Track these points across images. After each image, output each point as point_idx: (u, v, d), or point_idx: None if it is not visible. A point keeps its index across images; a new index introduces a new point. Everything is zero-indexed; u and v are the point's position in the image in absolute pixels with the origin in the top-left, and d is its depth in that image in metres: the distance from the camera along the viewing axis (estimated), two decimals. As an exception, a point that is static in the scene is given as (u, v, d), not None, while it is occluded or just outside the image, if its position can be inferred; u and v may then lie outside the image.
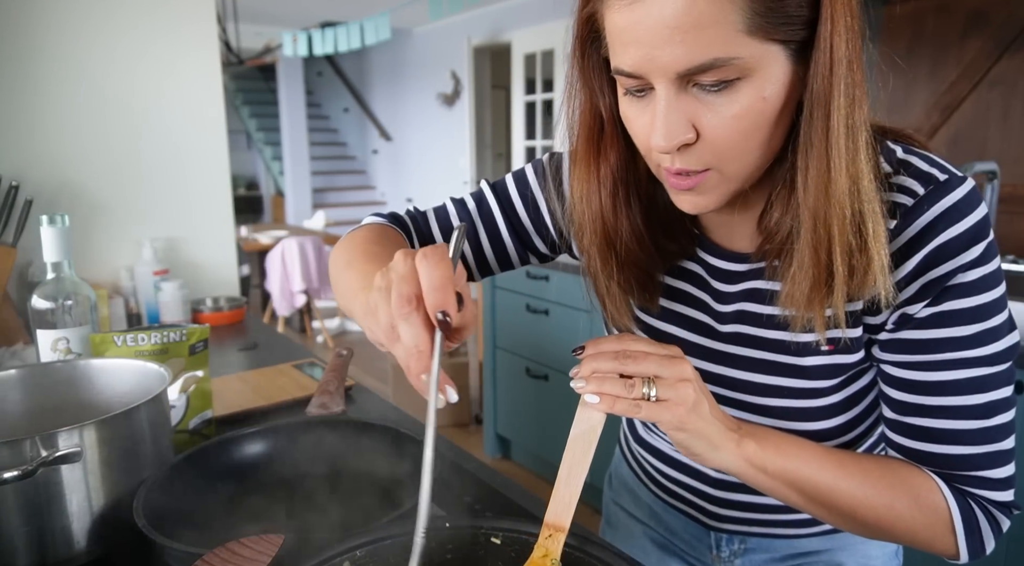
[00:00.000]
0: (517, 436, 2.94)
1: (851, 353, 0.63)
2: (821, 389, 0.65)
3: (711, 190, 0.57)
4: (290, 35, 5.46)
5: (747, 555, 0.80)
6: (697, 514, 0.80)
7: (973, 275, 0.55)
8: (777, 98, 0.52)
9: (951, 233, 0.55)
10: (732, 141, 0.53)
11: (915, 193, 0.56)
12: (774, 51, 0.51)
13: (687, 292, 0.71)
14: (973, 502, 0.59)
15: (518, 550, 0.58)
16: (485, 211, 0.78)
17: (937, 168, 0.57)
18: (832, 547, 0.77)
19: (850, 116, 0.52)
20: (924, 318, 0.57)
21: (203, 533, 0.73)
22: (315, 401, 0.91)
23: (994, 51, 3.51)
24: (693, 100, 0.52)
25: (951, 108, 3.70)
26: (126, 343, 0.91)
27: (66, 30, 1.62)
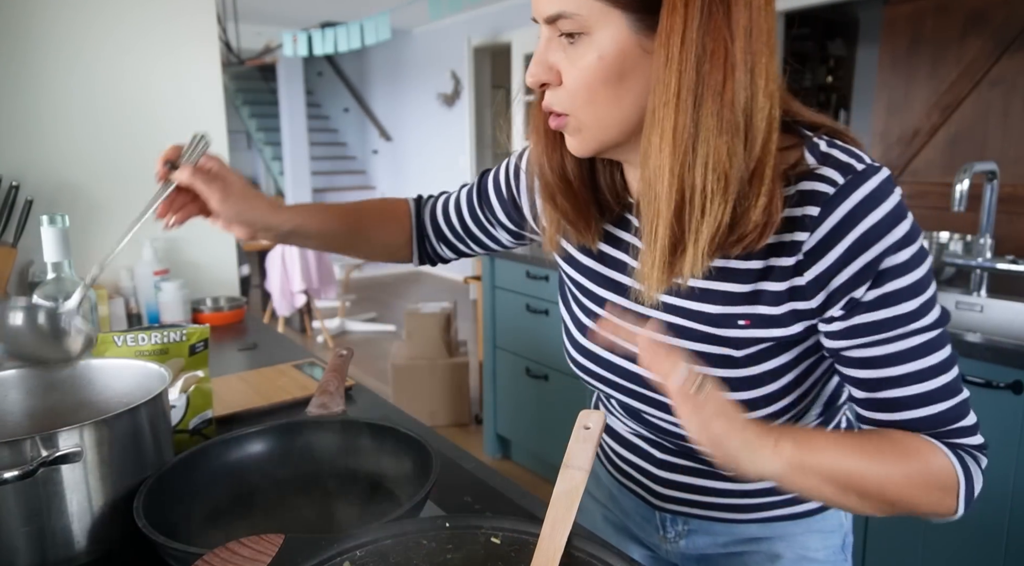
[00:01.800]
0: (517, 436, 2.94)
1: (769, 328, 0.66)
2: (736, 359, 0.68)
3: (575, 134, 0.65)
4: (290, 35, 5.46)
5: (690, 537, 0.83)
6: (645, 494, 0.84)
7: (903, 255, 0.59)
8: (614, 61, 0.59)
9: (873, 218, 0.58)
10: (578, 90, 0.61)
11: (835, 182, 0.60)
12: (615, 16, 0.58)
13: (622, 260, 0.75)
14: (963, 452, 0.63)
15: (518, 550, 0.58)
16: (470, 191, 0.95)
17: (855, 159, 0.61)
18: (771, 536, 0.80)
19: (689, 100, 0.56)
20: (872, 301, 0.60)
21: (203, 533, 0.73)
22: (315, 401, 0.91)
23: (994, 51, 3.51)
24: (559, 49, 0.61)
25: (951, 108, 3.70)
26: (126, 343, 0.91)
27: (66, 30, 1.62)
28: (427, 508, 0.78)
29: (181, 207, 0.80)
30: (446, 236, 0.98)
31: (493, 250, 0.98)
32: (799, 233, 0.61)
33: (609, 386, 0.78)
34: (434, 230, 0.98)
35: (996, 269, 1.85)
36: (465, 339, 3.89)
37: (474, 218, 0.94)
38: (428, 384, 3.40)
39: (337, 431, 0.86)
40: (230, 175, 0.81)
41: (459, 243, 0.98)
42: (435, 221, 0.98)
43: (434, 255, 1.01)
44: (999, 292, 1.84)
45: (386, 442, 0.83)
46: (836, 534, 0.81)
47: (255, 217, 0.82)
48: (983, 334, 1.57)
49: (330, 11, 6.40)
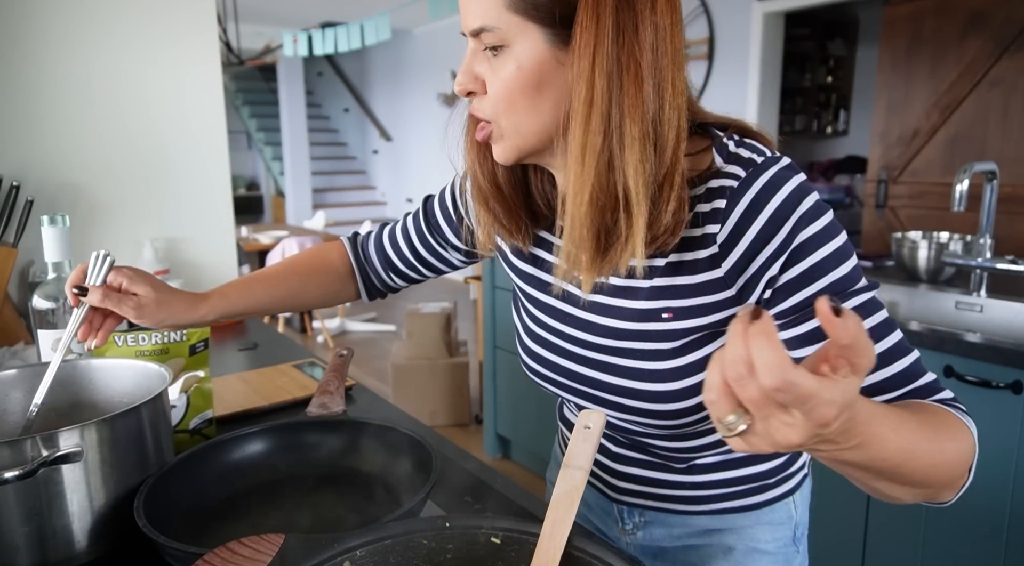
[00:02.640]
0: (517, 436, 2.94)
1: (692, 318, 0.68)
2: (664, 351, 0.70)
3: (498, 141, 0.68)
4: (290, 35, 5.46)
5: (647, 529, 0.85)
6: (602, 487, 0.86)
7: (815, 227, 0.61)
8: (532, 71, 0.62)
9: (776, 201, 0.61)
10: (499, 99, 0.65)
11: (738, 177, 0.63)
12: (532, 29, 0.61)
13: (553, 263, 0.77)
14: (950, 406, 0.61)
15: (518, 550, 0.58)
16: (416, 218, 0.97)
17: (757, 153, 0.64)
18: (723, 527, 0.81)
19: (605, 105, 0.59)
20: (798, 276, 0.62)
21: (203, 533, 0.73)
22: (315, 401, 0.91)
23: (994, 51, 3.51)
24: (484, 60, 0.65)
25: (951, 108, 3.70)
26: (127, 343, 0.91)
27: (66, 31, 1.62)
28: (427, 508, 0.78)
29: (101, 324, 0.84)
30: (395, 266, 0.99)
31: (445, 272, 1.00)
32: (711, 226, 0.64)
33: (560, 388, 0.81)
34: (382, 261, 1.00)
35: (996, 269, 1.85)
36: (465, 339, 3.89)
37: (424, 243, 0.96)
38: (428, 384, 3.40)
39: (337, 431, 0.86)
40: (141, 285, 0.83)
41: (410, 271, 0.99)
42: (382, 252, 1.00)
43: (384, 287, 1.03)
44: (999, 292, 1.84)
45: (386, 442, 0.83)
46: (786, 526, 0.82)
47: (176, 320, 0.85)
48: (983, 334, 1.57)
49: (330, 11, 6.40)
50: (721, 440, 0.77)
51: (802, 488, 0.84)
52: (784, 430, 0.41)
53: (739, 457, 0.80)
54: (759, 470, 0.80)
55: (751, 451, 0.43)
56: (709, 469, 0.80)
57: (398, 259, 0.99)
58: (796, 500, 0.83)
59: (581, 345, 0.77)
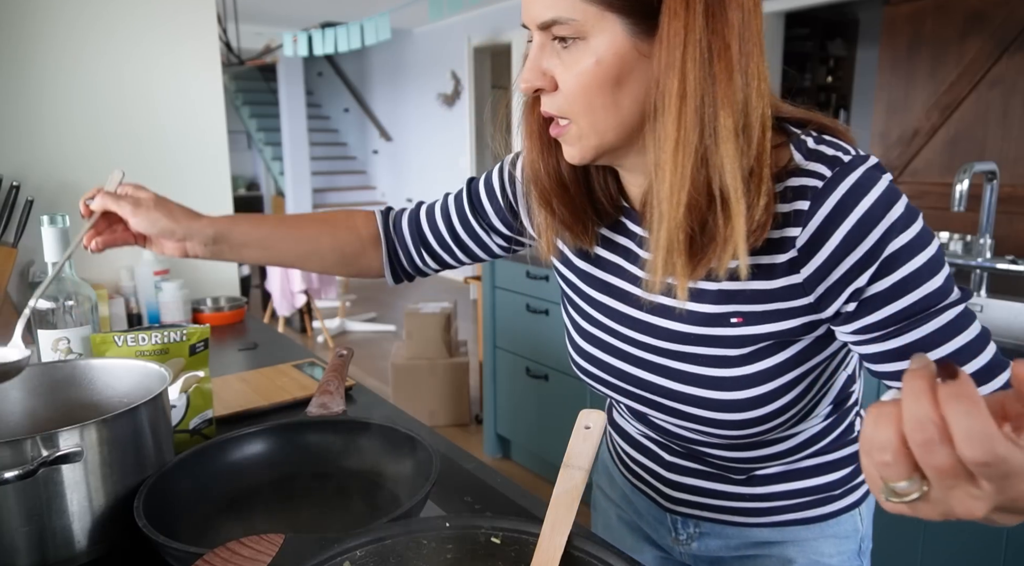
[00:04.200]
0: (517, 436, 2.94)
1: (760, 325, 0.65)
2: (731, 358, 0.67)
3: (575, 141, 0.64)
4: (290, 35, 5.46)
5: (702, 540, 0.82)
6: (655, 496, 0.84)
7: (907, 236, 0.57)
8: (611, 65, 0.58)
9: (865, 204, 0.57)
10: (576, 95, 0.60)
11: (823, 176, 0.59)
12: (611, 20, 0.57)
13: (618, 264, 0.75)
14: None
15: (518, 550, 0.58)
16: (459, 199, 0.91)
17: (842, 151, 0.60)
18: (783, 540, 0.78)
19: (698, 96, 0.56)
20: (886, 290, 0.59)
21: (203, 533, 0.73)
22: (315, 401, 0.91)
23: (994, 51, 3.51)
24: (553, 54, 0.61)
25: (951, 108, 3.70)
26: (126, 343, 0.91)
27: (67, 31, 1.62)
28: (427, 508, 0.78)
29: (102, 232, 0.84)
30: (429, 245, 0.92)
31: (480, 259, 0.93)
32: (790, 229, 0.60)
33: (613, 390, 0.78)
34: (415, 238, 0.93)
35: (996, 269, 1.85)
36: (465, 339, 3.89)
37: (465, 226, 0.90)
38: (428, 384, 3.40)
39: (337, 431, 0.86)
40: (142, 192, 0.83)
41: (443, 252, 0.92)
42: (416, 228, 0.93)
43: (411, 268, 0.95)
44: (999, 292, 1.84)
45: (386, 442, 0.83)
46: (851, 539, 0.79)
47: (172, 224, 0.81)
48: (983, 334, 1.57)
49: (330, 11, 6.40)
50: (784, 451, 0.75)
51: (868, 499, 0.81)
52: (968, 502, 0.35)
53: (803, 467, 0.76)
54: (825, 481, 0.77)
55: (914, 515, 0.38)
56: (770, 480, 0.77)
57: (434, 238, 0.91)
58: (862, 512, 0.80)
59: (641, 347, 0.73)
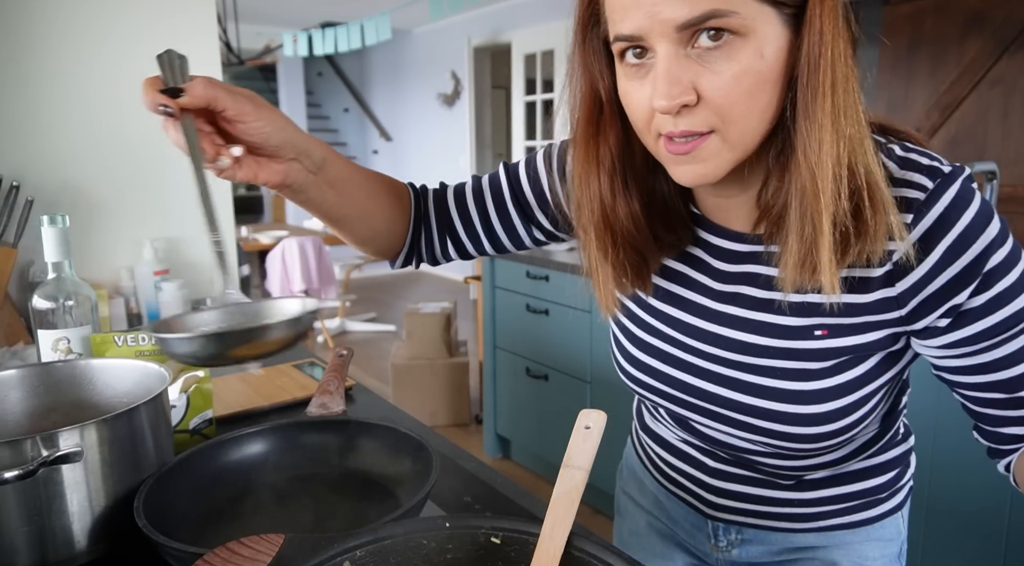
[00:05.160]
0: (517, 436, 2.94)
1: (844, 337, 0.63)
2: (812, 371, 0.65)
3: (710, 157, 0.57)
4: (290, 35, 5.46)
5: (744, 546, 0.80)
6: (696, 502, 0.81)
7: (1003, 252, 0.57)
8: (774, 60, 0.54)
9: (966, 219, 0.56)
10: (734, 101, 0.54)
11: (925, 187, 0.57)
12: (768, 12, 0.53)
13: (684, 274, 0.72)
14: None
15: (518, 550, 0.58)
16: (495, 184, 0.83)
17: (937, 161, 0.59)
18: (828, 544, 0.77)
19: (842, 82, 0.53)
20: (983, 304, 0.58)
21: (203, 533, 0.73)
22: (315, 401, 0.91)
23: (994, 51, 3.51)
24: (693, 63, 0.53)
25: (951, 108, 3.70)
26: (127, 343, 0.91)
27: (66, 30, 1.62)
28: (427, 508, 0.78)
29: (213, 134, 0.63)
30: (456, 232, 0.84)
31: (504, 251, 0.86)
32: (890, 242, 0.58)
33: (664, 398, 0.75)
34: (441, 223, 0.84)
35: (996, 269, 1.84)
36: (465, 339, 3.89)
37: (502, 214, 0.82)
38: (428, 384, 3.40)
39: (337, 431, 0.86)
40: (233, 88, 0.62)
41: (470, 242, 0.85)
42: (444, 213, 0.84)
43: (428, 256, 0.87)
44: (999, 292, 1.84)
45: (386, 442, 0.83)
46: (894, 542, 0.79)
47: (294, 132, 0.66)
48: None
49: (330, 11, 6.40)
50: (837, 457, 0.73)
51: (907, 502, 0.81)
52: None
53: (852, 471, 0.76)
54: (873, 484, 0.76)
55: None
56: (819, 485, 0.75)
57: (462, 224, 0.84)
58: (904, 514, 0.80)
59: (706, 358, 0.70)
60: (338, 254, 5.77)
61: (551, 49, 5.33)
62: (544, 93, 5.51)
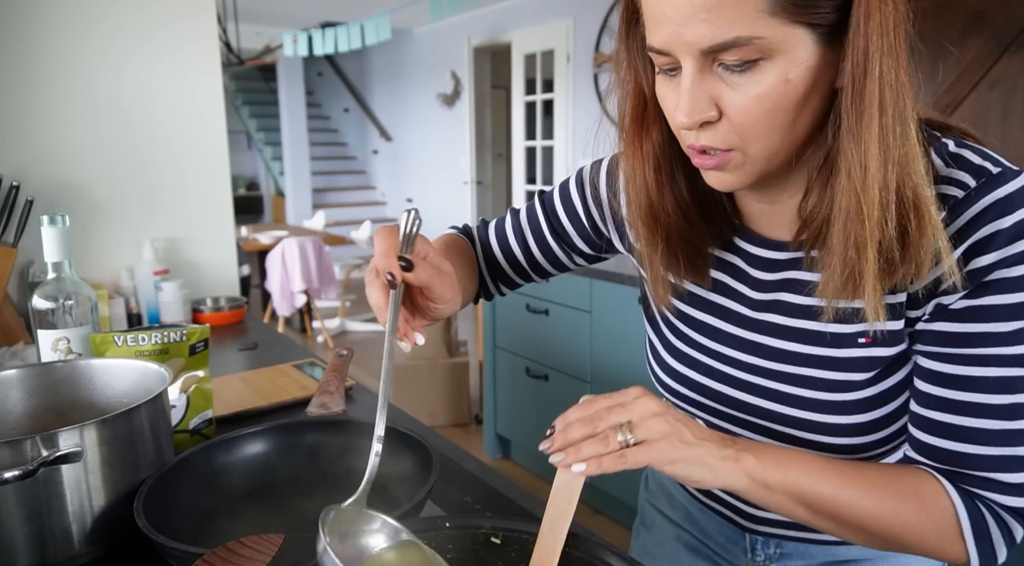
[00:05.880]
0: (517, 436, 2.94)
1: (890, 346, 0.61)
2: (856, 382, 0.63)
3: (736, 169, 0.57)
4: (290, 35, 5.46)
5: (782, 560, 0.78)
6: (733, 515, 0.79)
7: (1018, 271, 0.53)
8: (801, 81, 0.52)
9: (999, 224, 0.53)
10: (753, 122, 0.54)
11: (966, 186, 0.55)
12: (799, 34, 0.51)
13: (722, 282, 0.71)
14: (983, 505, 0.57)
15: (518, 550, 0.58)
16: (533, 220, 0.85)
17: (990, 161, 0.56)
18: (872, 557, 0.75)
19: (892, 102, 0.51)
20: (960, 310, 0.56)
21: (203, 533, 0.73)
22: (315, 401, 0.91)
23: (994, 51, 3.51)
24: (717, 79, 0.53)
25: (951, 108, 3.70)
26: (126, 343, 0.91)
27: (66, 31, 1.62)
28: (427, 508, 0.78)
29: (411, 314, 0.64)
30: (505, 273, 0.87)
31: (550, 276, 0.89)
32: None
33: (698, 408, 0.74)
34: (489, 266, 0.88)
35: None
36: (465, 339, 3.89)
37: (543, 248, 0.85)
38: (428, 384, 3.40)
39: (337, 431, 0.86)
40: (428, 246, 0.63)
41: (517, 276, 0.88)
42: (491, 256, 0.88)
43: (485, 293, 0.90)
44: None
45: (386, 442, 0.83)
46: None
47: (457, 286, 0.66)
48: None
49: (330, 11, 6.40)
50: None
51: None
52: None
53: None
54: None
55: None
56: None
57: (508, 264, 0.87)
58: None
59: (745, 369, 0.69)
60: (338, 254, 5.77)
61: (551, 49, 5.33)
62: (544, 93, 5.51)
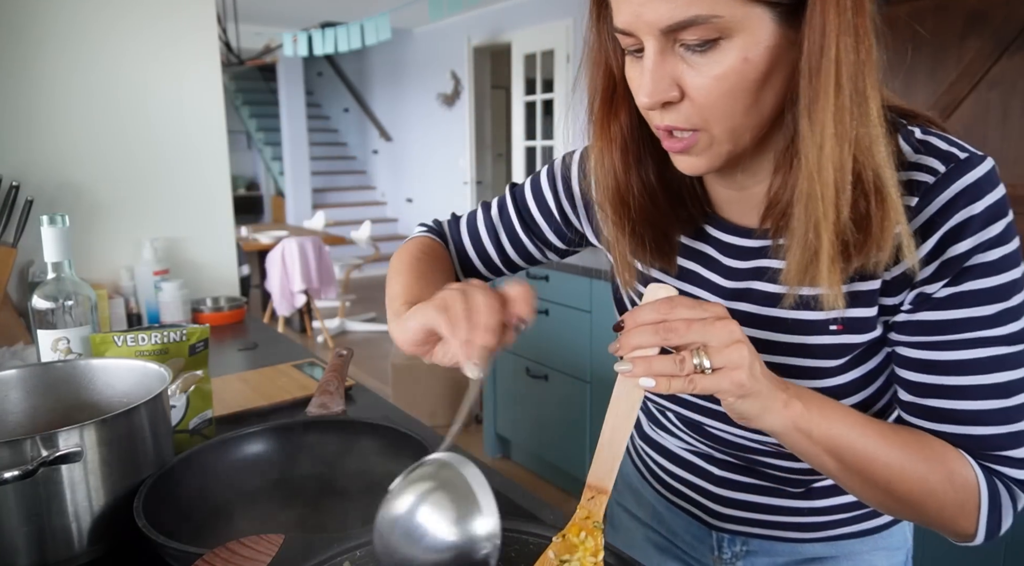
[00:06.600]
0: (517, 436, 2.94)
1: (862, 333, 0.61)
2: (827, 369, 0.63)
3: (703, 152, 0.58)
4: (290, 35, 5.46)
5: (748, 558, 0.79)
6: (700, 513, 0.80)
7: (994, 255, 0.55)
8: (761, 61, 0.53)
9: (972, 211, 0.54)
10: (715, 102, 0.54)
11: (936, 171, 0.56)
12: (758, 13, 0.51)
13: (693, 271, 0.71)
14: (997, 479, 0.58)
15: (518, 550, 0.58)
16: (504, 215, 0.85)
17: (957, 147, 0.57)
18: (836, 554, 0.76)
19: (849, 81, 0.51)
20: (943, 298, 0.56)
21: (203, 533, 0.73)
22: (315, 401, 0.91)
23: (994, 51, 3.51)
24: (679, 60, 0.54)
25: (951, 108, 3.70)
26: (126, 343, 0.91)
27: (66, 31, 1.62)
28: (427, 508, 0.78)
29: None
30: (474, 268, 0.87)
31: (518, 271, 0.89)
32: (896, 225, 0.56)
33: (669, 398, 0.75)
34: (463, 265, 0.88)
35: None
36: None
37: (515, 242, 0.85)
38: (428, 384, 3.40)
39: (337, 431, 0.86)
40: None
41: (488, 271, 0.88)
42: (464, 256, 0.87)
43: None
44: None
45: (386, 442, 0.83)
46: (901, 551, 0.78)
47: None
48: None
49: (330, 11, 6.40)
50: None
51: None
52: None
53: None
54: None
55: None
56: (829, 492, 0.73)
57: (479, 259, 0.87)
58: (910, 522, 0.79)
59: None
60: (338, 254, 5.77)
61: (551, 49, 5.33)
62: (544, 93, 5.51)
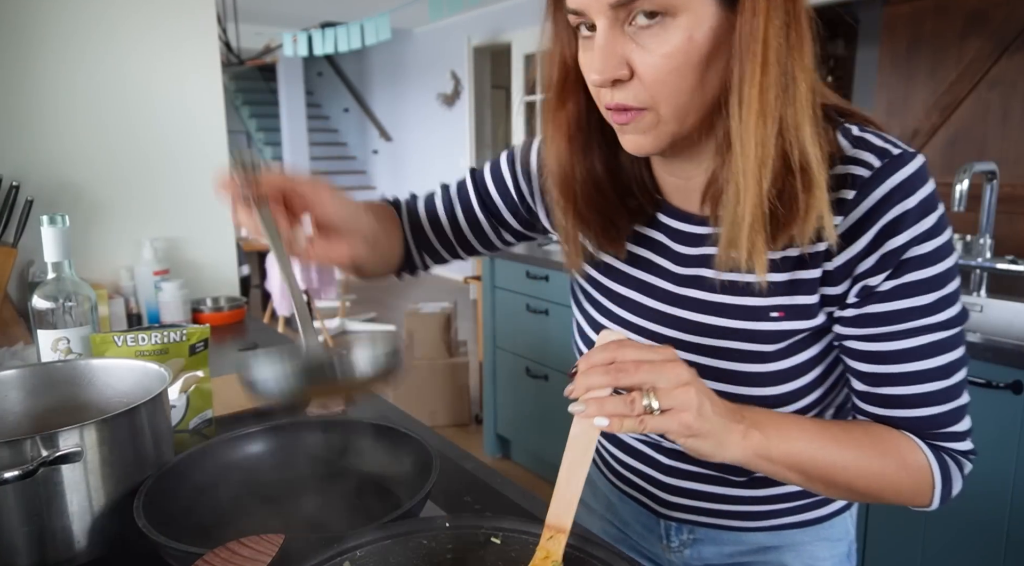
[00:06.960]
0: (517, 436, 2.94)
1: (802, 320, 0.65)
2: (766, 353, 0.66)
3: (648, 130, 0.60)
4: (290, 35, 5.46)
5: (696, 546, 0.80)
6: (649, 502, 0.82)
7: (929, 246, 0.58)
8: (705, 41, 0.55)
9: (906, 205, 0.58)
10: (662, 80, 0.56)
11: (871, 165, 0.59)
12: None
13: (645, 257, 0.73)
14: (946, 455, 0.64)
15: (518, 550, 0.58)
16: (463, 191, 0.87)
17: (891, 144, 0.60)
18: (779, 544, 0.78)
19: (776, 61, 0.54)
20: (887, 291, 0.60)
21: (203, 533, 0.73)
22: (315, 401, 0.91)
23: (993, 51, 3.51)
24: (628, 39, 0.56)
25: (951, 108, 3.70)
26: (126, 343, 0.91)
27: (67, 30, 1.62)
28: (427, 508, 0.78)
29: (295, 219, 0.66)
30: (430, 243, 0.88)
31: (478, 255, 0.90)
32: (834, 216, 0.59)
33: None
34: (414, 237, 0.88)
35: (996, 269, 1.85)
36: (465, 339, 3.89)
37: (471, 222, 0.86)
38: (428, 384, 3.40)
39: (337, 431, 0.86)
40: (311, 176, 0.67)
41: (444, 250, 0.88)
42: (417, 226, 0.88)
43: (409, 266, 0.90)
44: (999, 292, 1.84)
45: (386, 442, 0.83)
46: (843, 542, 0.80)
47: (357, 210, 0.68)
48: (983, 334, 1.57)
49: (330, 11, 6.40)
50: None
51: (855, 503, 0.82)
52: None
53: None
54: None
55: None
56: (769, 482, 0.75)
57: (435, 235, 0.87)
58: (851, 515, 0.81)
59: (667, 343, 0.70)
60: (338, 254, 5.76)
61: (551, 49, 5.33)
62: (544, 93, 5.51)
